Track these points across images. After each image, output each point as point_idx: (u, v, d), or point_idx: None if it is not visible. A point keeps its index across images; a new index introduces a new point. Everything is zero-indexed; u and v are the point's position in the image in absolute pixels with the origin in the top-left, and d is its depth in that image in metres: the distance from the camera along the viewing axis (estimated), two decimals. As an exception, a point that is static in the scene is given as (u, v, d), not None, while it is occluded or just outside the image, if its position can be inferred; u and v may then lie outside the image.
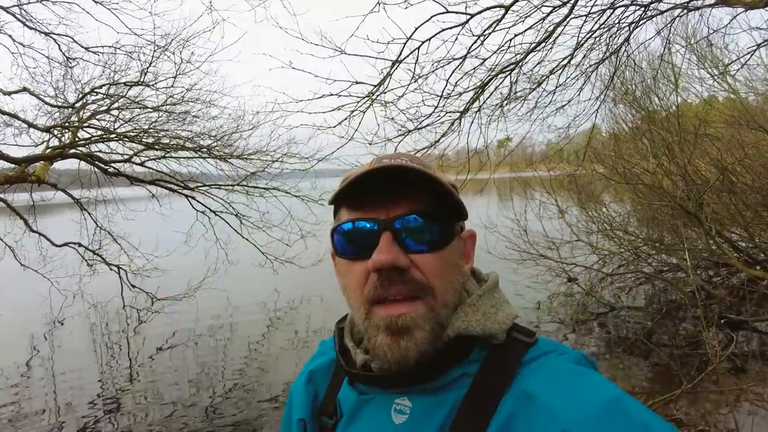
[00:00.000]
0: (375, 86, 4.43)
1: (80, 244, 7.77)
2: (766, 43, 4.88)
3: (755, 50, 5.11)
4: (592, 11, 4.87)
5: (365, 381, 0.73)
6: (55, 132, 6.99)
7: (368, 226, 0.69)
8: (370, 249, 0.68)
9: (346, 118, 4.51)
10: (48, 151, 6.86)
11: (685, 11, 5.27)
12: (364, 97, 4.46)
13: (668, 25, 5.75)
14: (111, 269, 7.96)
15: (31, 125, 6.60)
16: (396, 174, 0.68)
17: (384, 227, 0.68)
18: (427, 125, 4.88)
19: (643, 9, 5.06)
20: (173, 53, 7.05)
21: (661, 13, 5.26)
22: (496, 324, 0.71)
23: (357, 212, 0.71)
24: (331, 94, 4.26)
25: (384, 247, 0.66)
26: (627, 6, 4.96)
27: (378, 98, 4.54)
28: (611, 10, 4.97)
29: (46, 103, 6.90)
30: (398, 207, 0.69)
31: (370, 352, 0.71)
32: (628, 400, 0.58)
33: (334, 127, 4.53)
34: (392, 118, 4.63)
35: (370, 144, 4.60)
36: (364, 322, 0.70)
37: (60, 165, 8.00)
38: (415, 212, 0.69)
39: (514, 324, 0.74)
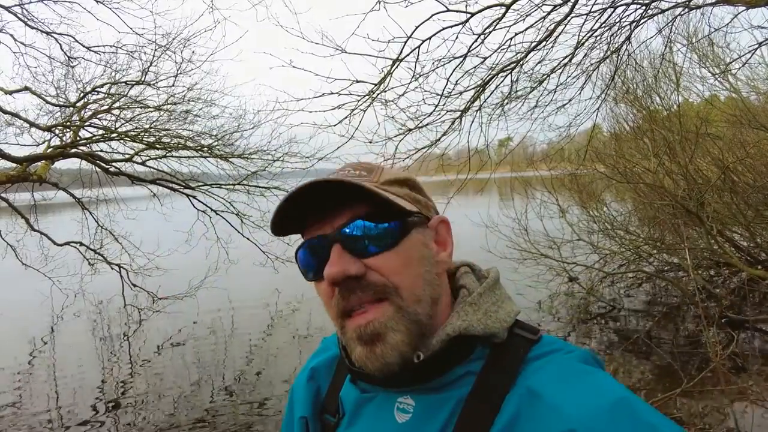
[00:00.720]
0: (375, 85, 4.43)
1: (81, 243, 7.79)
2: (767, 41, 4.86)
3: (756, 49, 5.09)
4: (593, 10, 4.87)
5: (368, 380, 0.72)
6: (57, 131, 7.01)
7: (317, 242, 0.69)
8: (325, 264, 0.67)
9: (346, 117, 4.51)
10: (49, 150, 6.88)
11: (687, 10, 5.26)
12: (364, 96, 4.46)
13: (669, 24, 5.74)
14: (112, 268, 7.98)
15: (32, 124, 6.62)
16: (330, 187, 0.67)
17: (331, 240, 0.67)
18: (428, 124, 4.88)
19: (644, 8, 5.06)
20: (174, 52, 7.07)
21: (662, 11, 5.25)
22: (498, 322, 0.70)
23: (307, 232, 0.72)
24: (332, 93, 4.27)
25: (333, 259, 0.66)
26: (628, 5, 4.95)
27: (378, 97, 4.54)
28: (612, 9, 4.96)
29: (47, 101, 6.93)
30: (341, 216, 0.68)
31: (356, 365, 0.70)
32: (636, 401, 0.57)
33: (335, 125, 4.53)
34: (393, 117, 4.64)
35: (371, 143, 4.60)
36: (342, 337, 0.70)
37: (61, 165, 8.04)
38: (357, 217, 0.68)
39: (517, 321, 0.73)
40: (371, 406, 0.73)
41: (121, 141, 7.64)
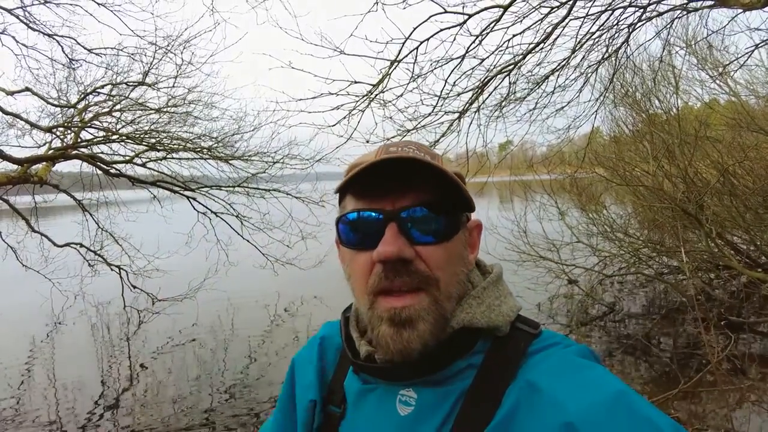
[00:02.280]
0: (374, 86, 4.45)
1: (81, 245, 7.81)
2: (764, 43, 4.88)
3: (753, 51, 5.11)
4: (590, 12, 4.89)
5: (370, 372, 0.73)
6: (58, 133, 7.04)
7: (374, 216, 0.69)
8: (374, 239, 0.67)
9: (344, 117, 4.53)
10: (50, 152, 6.91)
11: (684, 12, 5.28)
12: (363, 97, 4.48)
13: (667, 27, 5.76)
14: (112, 270, 7.99)
15: (33, 125, 6.66)
16: (403, 164, 0.67)
17: (390, 218, 0.67)
18: (426, 125, 4.90)
19: (641, 10, 5.08)
20: (175, 54, 7.11)
21: (660, 14, 5.27)
22: (501, 316, 0.71)
23: (362, 201, 0.71)
24: (330, 94, 4.29)
25: (389, 239, 0.66)
26: (625, 7, 4.98)
27: (377, 98, 4.56)
28: (610, 12, 4.98)
29: (48, 102, 6.96)
30: (405, 197, 0.69)
31: (374, 342, 0.71)
32: (634, 395, 0.58)
33: (333, 126, 4.55)
34: (391, 118, 4.65)
35: (367, 142, 4.61)
36: (368, 312, 0.70)
37: (62, 168, 8.07)
38: (421, 203, 0.68)
39: (518, 315, 0.74)
40: (372, 397, 0.73)
41: (122, 143, 7.67)
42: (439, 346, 0.68)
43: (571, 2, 4.56)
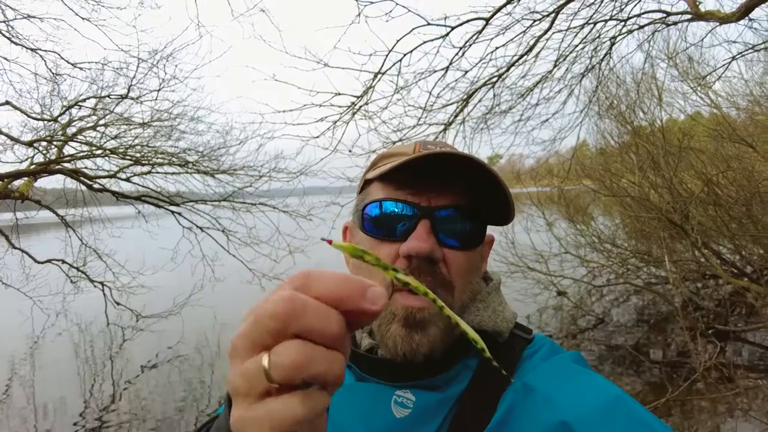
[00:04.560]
0: (358, 97, 4.47)
1: (64, 261, 7.67)
2: (740, 55, 4.99)
3: (730, 62, 5.24)
4: (572, 25, 4.98)
5: (369, 366, 0.71)
6: (40, 147, 6.95)
7: (407, 210, 0.68)
8: (403, 232, 0.66)
9: (328, 128, 4.54)
10: (32, 167, 6.81)
11: (664, 26, 5.39)
12: (347, 108, 4.49)
13: (648, 40, 5.88)
14: (95, 286, 7.84)
15: (14, 140, 6.57)
16: (444, 163, 0.66)
17: (424, 214, 0.66)
18: (411, 137, 4.90)
19: (622, 23, 5.17)
20: (159, 68, 7.08)
21: (641, 27, 5.39)
22: (504, 322, 0.72)
23: (397, 192, 0.69)
24: (314, 105, 4.29)
25: (423, 235, 0.65)
26: (606, 21, 5.07)
27: (361, 109, 4.57)
28: (592, 25, 5.07)
29: (30, 116, 6.88)
30: (441, 197, 0.68)
31: (378, 338, 0.69)
32: (631, 400, 0.58)
33: (317, 137, 4.55)
34: (375, 129, 4.66)
35: (350, 151, 4.61)
36: None
37: (45, 184, 7.95)
38: (457, 206, 0.67)
39: (516, 323, 0.76)
40: (364, 394, 0.71)
41: (106, 158, 7.59)
42: (446, 349, 0.67)
43: (553, 15, 4.63)
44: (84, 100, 7.17)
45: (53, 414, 5.47)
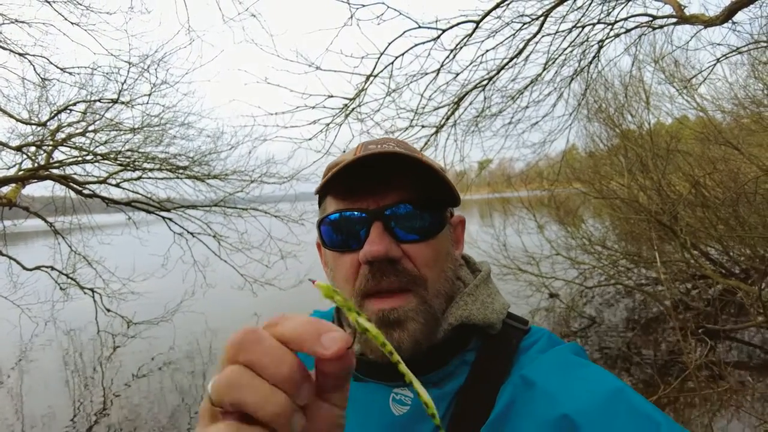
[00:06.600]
0: (350, 99, 4.49)
1: (53, 268, 7.57)
2: (725, 57, 5.08)
3: (715, 64, 5.33)
4: (561, 29, 5.05)
5: (365, 369, 0.71)
6: (29, 153, 6.87)
7: (357, 215, 0.67)
8: (359, 240, 0.66)
9: (321, 131, 4.55)
10: (20, 173, 6.73)
11: (650, 29, 5.48)
12: (339, 110, 4.51)
13: (635, 43, 5.97)
14: (85, 293, 7.75)
15: (2, 144, 6.48)
16: (384, 160, 0.65)
17: (374, 217, 0.66)
18: (403, 139, 4.93)
19: (610, 27, 5.26)
20: (149, 73, 7.05)
21: (628, 31, 5.47)
22: (494, 314, 0.71)
23: (344, 202, 0.69)
24: (307, 107, 4.30)
25: (375, 238, 0.64)
26: (594, 24, 5.15)
27: (353, 112, 4.59)
28: (580, 28, 5.15)
29: (18, 120, 6.79)
30: (387, 195, 0.67)
31: (361, 346, 0.70)
32: (632, 392, 0.57)
33: (309, 140, 4.55)
34: (368, 132, 4.68)
35: (344, 152, 4.61)
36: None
37: (34, 191, 7.86)
38: (405, 200, 0.67)
39: (508, 312, 0.75)
40: (362, 393, 0.71)
41: (96, 163, 7.52)
42: (436, 344, 0.67)
43: (542, 19, 4.70)
44: (74, 104, 7.10)
45: (41, 424, 5.38)
